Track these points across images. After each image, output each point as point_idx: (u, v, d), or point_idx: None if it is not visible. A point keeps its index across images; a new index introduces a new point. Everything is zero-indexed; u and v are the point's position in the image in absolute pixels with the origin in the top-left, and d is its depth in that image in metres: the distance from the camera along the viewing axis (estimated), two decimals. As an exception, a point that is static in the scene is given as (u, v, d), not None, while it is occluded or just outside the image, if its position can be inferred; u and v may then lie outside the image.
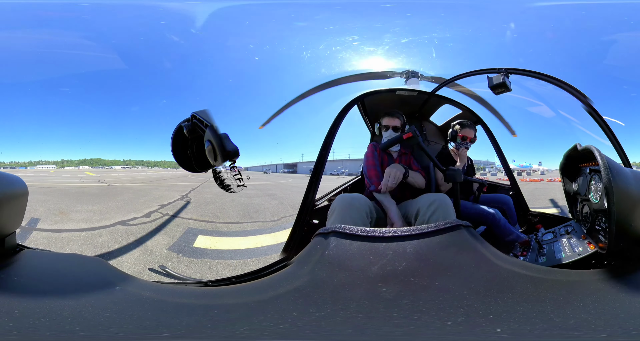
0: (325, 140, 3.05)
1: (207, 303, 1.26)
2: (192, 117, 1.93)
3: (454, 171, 2.80)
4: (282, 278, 1.36)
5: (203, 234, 4.63)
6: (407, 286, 1.23)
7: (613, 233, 1.50)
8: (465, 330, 1.05)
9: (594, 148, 1.86)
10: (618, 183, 1.49)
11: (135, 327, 1.06)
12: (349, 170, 5.78)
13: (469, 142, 3.69)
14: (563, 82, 2.94)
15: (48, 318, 1.06)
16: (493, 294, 1.18)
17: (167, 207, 6.03)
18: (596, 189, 2.17)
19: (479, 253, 1.36)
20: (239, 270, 3.56)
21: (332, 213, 2.55)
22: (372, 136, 4.25)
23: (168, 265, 3.43)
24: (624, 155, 2.84)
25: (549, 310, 1.11)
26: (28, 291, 1.23)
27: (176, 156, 2.11)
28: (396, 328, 1.07)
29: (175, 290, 1.53)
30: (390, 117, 3.33)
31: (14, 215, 1.61)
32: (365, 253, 1.35)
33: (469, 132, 3.68)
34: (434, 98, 3.73)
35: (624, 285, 1.32)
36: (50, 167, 6.96)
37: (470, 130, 3.68)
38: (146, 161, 7.09)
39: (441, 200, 2.59)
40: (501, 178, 4.46)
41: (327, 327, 1.08)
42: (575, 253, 2.17)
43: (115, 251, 3.93)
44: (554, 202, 3.90)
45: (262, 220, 5.64)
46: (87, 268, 1.54)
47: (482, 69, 3.07)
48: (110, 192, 7.17)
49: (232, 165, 1.90)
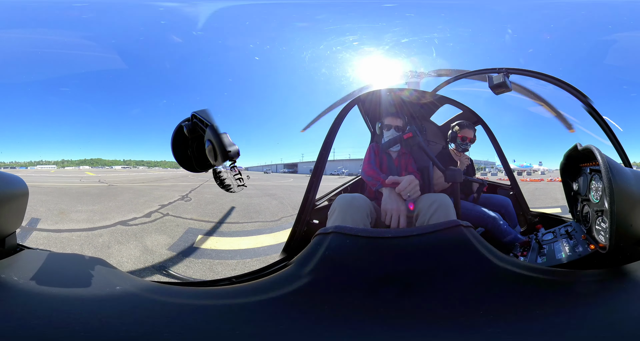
0: (325, 140, 3.05)
1: (207, 303, 1.26)
2: (193, 116, 1.93)
3: (454, 171, 2.80)
4: (282, 279, 1.36)
5: (203, 234, 4.64)
6: (407, 286, 1.23)
7: (613, 233, 1.50)
8: (466, 329, 1.05)
9: (594, 148, 1.86)
10: (618, 183, 1.48)
11: (135, 327, 1.06)
12: (349, 170, 5.78)
13: (469, 142, 3.69)
14: (563, 82, 2.94)
15: (48, 318, 1.06)
16: (493, 294, 1.18)
17: (168, 207, 6.04)
18: (596, 189, 2.17)
19: (479, 254, 1.36)
20: (239, 270, 3.57)
21: (333, 213, 2.55)
22: (372, 136, 4.25)
23: (168, 265, 3.43)
24: (624, 155, 2.84)
25: (549, 310, 1.11)
26: (28, 291, 1.23)
27: (176, 156, 2.10)
28: (396, 328, 1.07)
29: (175, 290, 1.52)
30: (393, 117, 3.32)
31: (14, 215, 1.61)
32: (365, 253, 1.35)
33: (468, 132, 3.68)
34: (434, 98, 3.73)
35: (624, 285, 1.32)
36: (51, 167, 6.98)
37: (470, 130, 3.68)
38: (146, 161, 7.12)
39: (441, 201, 2.58)
40: (501, 178, 4.46)
41: (327, 327, 1.08)
42: (576, 253, 2.17)
43: (116, 251, 3.93)
44: (553, 202, 3.90)
45: (262, 220, 5.64)
46: (87, 268, 1.54)
47: (483, 69, 3.07)
48: (111, 192, 7.19)
49: (233, 165, 1.90)
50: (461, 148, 3.72)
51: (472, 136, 3.70)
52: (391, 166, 3.30)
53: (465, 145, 3.70)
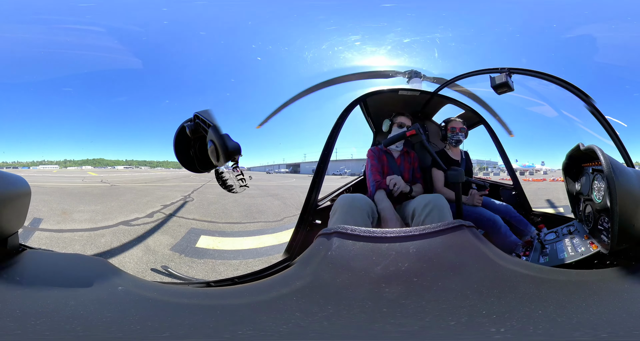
0: (327, 140, 3.05)
1: (210, 304, 1.26)
2: (195, 117, 1.93)
3: (455, 171, 2.79)
4: (284, 279, 1.36)
5: (206, 234, 4.65)
6: (410, 286, 1.22)
7: (616, 233, 1.50)
8: (469, 330, 1.05)
9: (596, 148, 1.85)
10: (621, 183, 1.48)
11: (137, 327, 1.06)
12: (352, 170, 5.78)
13: (458, 131, 3.67)
14: (566, 82, 2.94)
15: (50, 318, 1.07)
16: (496, 294, 1.18)
17: (170, 207, 6.05)
18: (599, 189, 2.16)
19: (482, 253, 1.36)
20: (242, 270, 3.57)
21: (334, 213, 2.56)
22: (375, 136, 4.25)
23: (170, 265, 3.44)
24: (627, 154, 2.84)
25: (552, 310, 1.11)
26: (30, 291, 1.23)
27: (179, 156, 2.11)
28: (399, 329, 1.07)
29: (177, 291, 1.53)
30: (406, 116, 3.37)
31: (17, 215, 1.61)
32: (368, 254, 1.35)
33: (456, 123, 3.67)
34: (436, 98, 3.73)
35: (627, 285, 1.32)
36: (53, 167, 6.99)
37: (455, 120, 3.68)
38: (149, 161, 7.13)
39: (436, 201, 2.59)
40: (504, 178, 4.45)
41: (330, 328, 1.08)
42: (578, 253, 2.16)
43: (118, 251, 3.94)
44: (555, 202, 3.90)
45: (264, 220, 5.65)
46: (89, 268, 1.54)
47: (485, 69, 3.07)
48: (113, 192, 7.20)
49: (235, 165, 1.90)
50: (454, 140, 3.71)
51: (461, 125, 3.68)
52: (393, 166, 3.32)
53: (457, 136, 3.69)
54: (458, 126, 3.68)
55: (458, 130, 3.68)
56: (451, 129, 3.68)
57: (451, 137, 3.70)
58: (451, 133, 3.68)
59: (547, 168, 4.99)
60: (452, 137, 3.69)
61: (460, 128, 3.68)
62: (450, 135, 3.69)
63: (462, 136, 3.70)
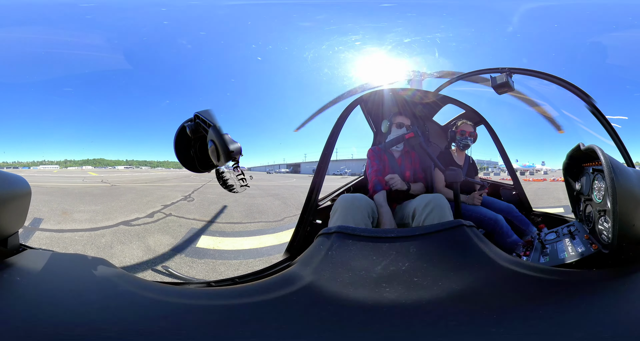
0: (328, 140, 3.05)
1: (210, 304, 1.26)
2: (195, 117, 1.93)
3: (454, 171, 2.80)
4: (285, 279, 1.36)
5: (206, 234, 4.64)
6: (410, 286, 1.23)
7: (616, 233, 1.50)
8: (469, 329, 1.05)
9: (597, 147, 1.85)
10: (621, 183, 1.48)
11: (138, 327, 1.07)
12: (352, 170, 5.77)
13: (468, 135, 3.65)
14: (566, 82, 2.94)
15: (51, 318, 1.07)
16: (496, 294, 1.18)
17: (170, 207, 6.05)
18: (599, 189, 2.16)
19: (482, 253, 1.36)
20: (242, 270, 3.57)
21: (334, 213, 2.56)
22: (375, 136, 4.25)
23: (171, 265, 3.44)
24: (627, 154, 2.84)
25: (552, 310, 1.11)
26: (31, 291, 1.23)
27: (179, 156, 2.11)
28: (400, 328, 1.07)
29: (178, 291, 1.53)
30: (404, 116, 3.37)
31: (17, 215, 1.61)
32: (368, 253, 1.35)
33: (466, 126, 3.65)
34: (436, 97, 3.73)
35: (627, 285, 1.32)
36: (53, 167, 6.98)
37: (467, 124, 3.66)
38: (149, 161, 7.11)
39: (437, 201, 2.60)
40: (504, 178, 4.45)
41: (330, 327, 1.08)
42: (578, 253, 2.16)
43: (118, 251, 3.94)
44: (555, 202, 3.89)
45: (265, 220, 5.64)
46: (89, 268, 1.54)
47: (485, 69, 3.07)
48: (113, 192, 7.20)
49: (235, 165, 1.90)
50: (462, 144, 3.68)
51: (472, 130, 3.67)
52: (393, 165, 3.32)
53: (465, 140, 3.66)
54: (468, 130, 3.64)
55: (468, 134, 3.64)
56: (461, 132, 3.64)
57: (460, 140, 3.66)
58: (460, 136, 3.65)
59: (548, 168, 4.98)
60: (461, 141, 3.66)
61: (470, 132, 3.65)
62: (459, 138, 3.66)
63: (470, 141, 3.67)
